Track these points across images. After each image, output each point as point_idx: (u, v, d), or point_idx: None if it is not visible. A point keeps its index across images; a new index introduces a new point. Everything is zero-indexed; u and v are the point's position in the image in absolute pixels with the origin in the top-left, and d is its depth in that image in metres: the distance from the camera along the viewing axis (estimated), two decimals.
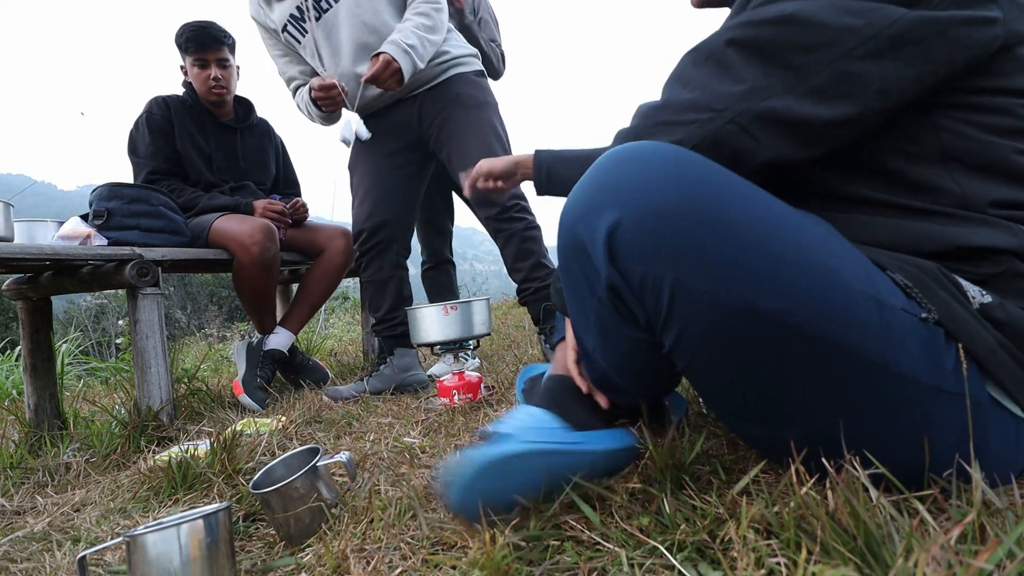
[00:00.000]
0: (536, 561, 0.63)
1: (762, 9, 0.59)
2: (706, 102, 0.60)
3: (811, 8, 0.56)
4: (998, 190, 0.58)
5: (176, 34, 2.03)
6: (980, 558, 0.39)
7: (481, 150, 1.68)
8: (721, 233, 0.53)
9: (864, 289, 0.53)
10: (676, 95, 0.63)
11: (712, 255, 0.52)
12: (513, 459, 0.68)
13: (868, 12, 0.55)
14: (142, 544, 0.68)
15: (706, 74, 0.61)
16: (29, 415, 1.69)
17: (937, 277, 0.56)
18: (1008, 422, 0.55)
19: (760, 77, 0.57)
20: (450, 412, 1.41)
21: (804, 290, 0.51)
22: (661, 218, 0.54)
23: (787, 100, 0.57)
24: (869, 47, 0.54)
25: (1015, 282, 0.56)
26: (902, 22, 0.54)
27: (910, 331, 0.53)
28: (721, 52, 0.60)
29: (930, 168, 0.60)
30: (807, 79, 0.56)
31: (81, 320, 9.76)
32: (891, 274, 0.57)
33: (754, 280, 0.52)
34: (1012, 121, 0.59)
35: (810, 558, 0.49)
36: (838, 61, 0.55)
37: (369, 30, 1.70)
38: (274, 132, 2.31)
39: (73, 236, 1.64)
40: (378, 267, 1.87)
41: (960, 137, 0.59)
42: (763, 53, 0.58)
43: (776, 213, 0.56)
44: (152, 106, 2.03)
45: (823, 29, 0.55)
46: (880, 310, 0.52)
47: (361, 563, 0.70)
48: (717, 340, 0.54)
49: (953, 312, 0.55)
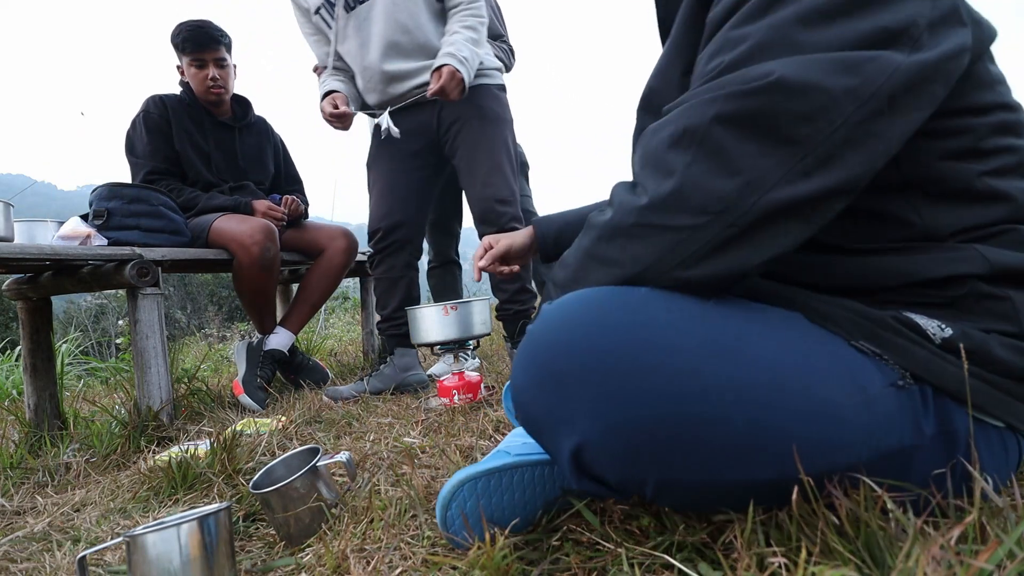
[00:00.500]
0: (536, 561, 0.63)
1: (741, 74, 0.50)
2: (699, 202, 0.50)
3: (798, 69, 0.48)
4: (959, 218, 0.56)
5: (172, 34, 2.02)
6: (980, 558, 0.39)
7: (491, 166, 1.75)
8: (707, 427, 0.47)
9: (852, 397, 0.50)
10: (659, 189, 0.52)
11: (700, 451, 0.48)
12: (500, 473, 0.68)
13: (860, 66, 0.48)
14: (142, 544, 0.68)
15: (691, 160, 0.51)
16: (29, 415, 1.69)
17: (892, 327, 0.54)
18: (991, 435, 0.55)
19: (757, 158, 0.49)
20: (450, 412, 1.41)
21: (802, 444, 0.48)
22: (633, 431, 0.48)
23: (792, 186, 0.49)
24: (870, 108, 0.48)
25: (980, 302, 0.55)
26: (898, 74, 0.48)
27: (894, 409, 0.52)
28: (706, 131, 0.50)
29: (890, 200, 0.57)
30: (811, 151, 0.48)
31: (81, 320, 9.76)
32: (855, 344, 0.54)
33: (750, 459, 0.48)
34: (971, 141, 0.56)
35: (810, 558, 0.49)
36: (841, 129, 0.48)
37: (402, 30, 1.72)
38: (272, 130, 2.31)
39: (73, 236, 1.64)
40: (390, 266, 1.89)
41: (920, 166, 0.56)
42: (757, 127, 0.49)
43: (754, 362, 0.49)
44: (149, 105, 2.02)
45: (819, 93, 0.47)
46: (869, 410, 0.50)
47: (361, 563, 0.70)
48: (708, 504, 0.53)
49: (915, 356, 0.53)
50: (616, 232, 0.55)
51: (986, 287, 0.55)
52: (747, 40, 0.51)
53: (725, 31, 0.54)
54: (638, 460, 0.49)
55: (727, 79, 0.51)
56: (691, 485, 0.50)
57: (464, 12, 1.74)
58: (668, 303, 0.52)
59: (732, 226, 0.50)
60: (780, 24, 0.50)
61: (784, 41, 0.50)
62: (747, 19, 0.52)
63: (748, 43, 0.51)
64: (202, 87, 2.03)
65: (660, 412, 0.47)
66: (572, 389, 0.50)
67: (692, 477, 0.49)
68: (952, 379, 0.53)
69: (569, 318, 0.52)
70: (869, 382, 0.52)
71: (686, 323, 0.51)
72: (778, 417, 0.48)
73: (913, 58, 0.49)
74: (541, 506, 0.71)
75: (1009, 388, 0.55)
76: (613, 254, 0.56)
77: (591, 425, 0.49)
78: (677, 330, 0.50)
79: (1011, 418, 0.55)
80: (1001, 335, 0.54)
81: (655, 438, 0.48)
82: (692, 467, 0.49)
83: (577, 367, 0.50)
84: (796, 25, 0.50)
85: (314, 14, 1.80)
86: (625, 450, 0.49)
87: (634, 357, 0.48)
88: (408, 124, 1.81)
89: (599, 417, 0.49)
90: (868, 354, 0.54)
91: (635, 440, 0.48)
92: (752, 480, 0.49)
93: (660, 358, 0.48)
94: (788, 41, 0.49)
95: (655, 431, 0.48)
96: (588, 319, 0.51)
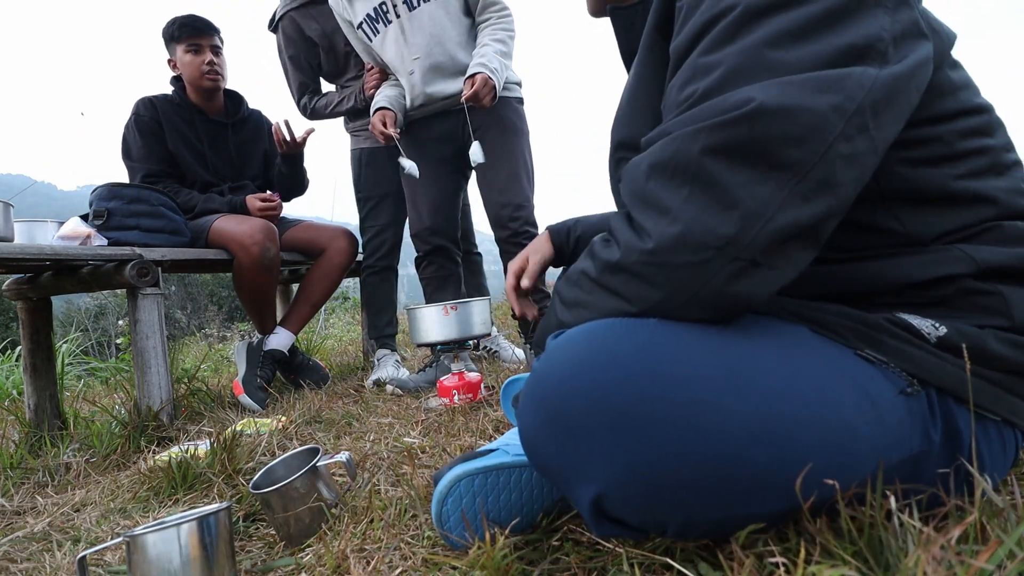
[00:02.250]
0: (536, 561, 0.63)
1: (719, 101, 0.49)
2: (700, 239, 0.48)
3: (777, 93, 0.47)
4: (941, 221, 0.57)
5: (165, 26, 2.03)
6: (981, 558, 0.39)
7: (509, 174, 1.89)
8: (730, 464, 0.46)
9: (865, 414, 0.50)
10: (663, 232, 0.50)
11: (723, 490, 0.47)
12: (498, 471, 0.68)
13: (838, 83, 0.47)
14: (142, 544, 0.68)
15: (687, 197, 0.49)
16: (29, 415, 1.70)
17: (886, 329, 0.55)
18: (990, 429, 0.55)
19: (753, 187, 0.47)
20: (450, 412, 1.41)
21: (820, 472, 0.47)
22: (653, 477, 0.47)
23: (793, 210, 0.48)
24: (857, 123, 0.47)
25: (969, 298, 0.55)
26: (876, 87, 0.48)
27: (904, 417, 0.52)
28: (697, 165, 0.49)
29: (871, 211, 0.58)
30: (806, 174, 0.47)
31: (81, 320, 9.77)
32: (861, 353, 0.54)
33: (771, 492, 0.48)
34: (942, 148, 0.56)
35: (810, 559, 0.49)
36: (833, 147, 0.47)
37: (440, 51, 1.84)
38: (267, 121, 2.29)
39: (73, 236, 1.64)
40: (439, 266, 2.03)
41: (896, 177, 0.57)
42: (747, 156, 0.47)
43: (773, 392, 0.48)
44: (139, 108, 2.00)
45: (804, 114, 0.46)
46: (881, 424, 0.50)
47: (361, 563, 0.70)
48: (727, 534, 0.52)
49: (912, 357, 0.53)
50: (621, 269, 0.54)
51: (975, 283, 0.55)
52: (719, 66, 0.51)
53: (694, 58, 0.54)
54: (660, 504, 0.48)
55: (706, 108, 0.50)
56: (713, 521, 0.49)
57: (495, 26, 1.86)
58: (679, 335, 0.51)
59: (737, 259, 0.48)
60: (750, 48, 0.50)
61: (757, 65, 0.49)
62: (716, 45, 0.52)
63: (721, 69, 0.50)
64: (197, 73, 2.00)
65: (682, 454, 0.46)
66: (586, 439, 0.48)
67: (714, 515, 0.49)
68: (950, 378, 0.53)
69: (577, 360, 0.50)
70: (879, 394, 0.52)
71: (700, 356, 0.49)
72: (799, 448, 0.47)
73: (885, 71, 0.49)
74: (540, 509, 0.71)
75: (1006, 383, 0.55)
76: (619, 288, 0.55)
77: (610, 475, 0.48)
78: (692, 364, 0.49)
79: (1009, 414, 0.55)
80: (995, 330, 0.55)
81: (677, 481, 0.47)
82: (715, 505, 0.48)
83: (590, 415, 0.48)
84: (767, 48, 0.49)
85: (358, 28, 1.91)
86: (647, 495, 0.48)
87: (650, 400, 0.47)
88: (438, 131, 1.95)
89: (618, 466, 0.47)
90: (874, 362, 0.54)
91: (657, 485, 0.47)
92: (772, 512, 0.49)
93: (677, 398, 0.47)
94: (761, 65, 0.49)
95: (677, 474, 0.47)
96: (597, 362, 0.49)
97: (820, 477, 0.47)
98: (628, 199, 0.56)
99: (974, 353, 0.53)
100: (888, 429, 0.50)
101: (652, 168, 0.52)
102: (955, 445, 0.54)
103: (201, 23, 2.01)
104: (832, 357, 0.54)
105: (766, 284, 0.50)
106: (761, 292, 0.51)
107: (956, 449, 0.54)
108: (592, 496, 0.49)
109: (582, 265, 0.60)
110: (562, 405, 0.49)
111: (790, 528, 0.54)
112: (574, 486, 0.50)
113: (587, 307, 0.58)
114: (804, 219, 0.48)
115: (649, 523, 0.50)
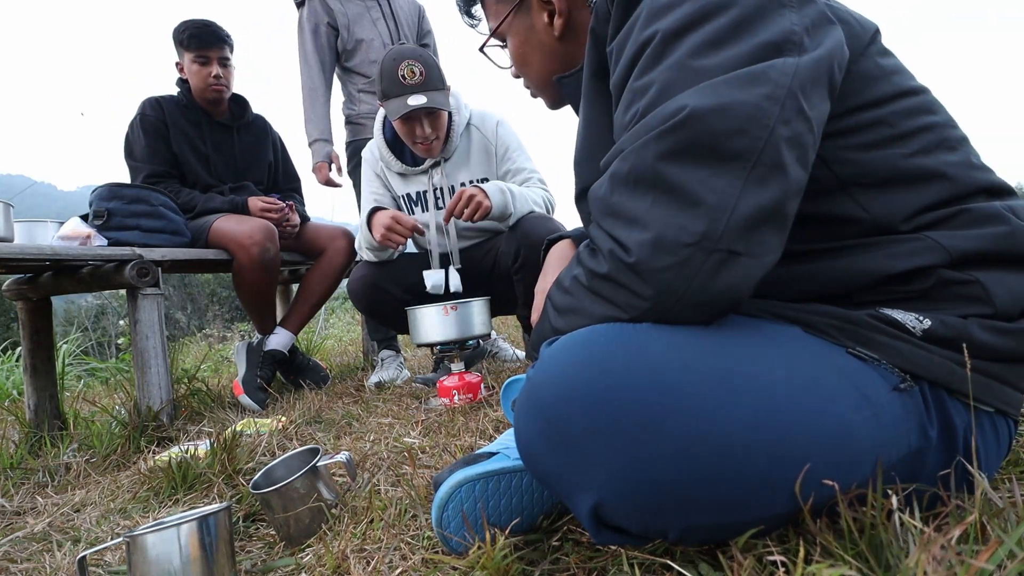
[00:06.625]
0: (536, 561, 0.63)
1: (656, 113, 0.52)
2: (672, 238, 0.49)
3: (707, 95, 0.49)
4: (902, 202, 0.58)
5: (176, 30, 2.02)
6: (981, 558, 0.39)
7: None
8: (729, 470, 0.46)
9: (862, 411, 0.50)
10: (633, 238, 0.52)
11: (723, 493, 0.47)
12: (500, 476, 0.68)
13: (763, 75, 0.50)
14: (142, 544, 0.68)
15: (651, 203, 0.51)
16: (29, 415, 1.70)
17: (872, 325, 0.55)
18: (983, 421, 0.56)
19: (711, 180, 0.49)
20: (450, 412, 1.41)
21: (820, 472, 0.48)
22: (651, 482, 0.47)
23: (754, 195, 0.49)
24: (792, 107, 0.50)
25: (948, 289, 0.56)
26: (800, 72, 0.50)
27: (900, 414, 0.52)
28: (654, 171, 0.51)
29: (833, 200, 0.59)
30: (759, 159, 0.49)
31: (81, 320, 9.77)
32: (853, 351, 0.54)
33: (772, 494, 0.48)
34: (888, 129, 0.58)
35: (810, 559, 0.49)
36: (776, 131, 0.49)
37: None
38: (271, 128, 2.30)
39: (73, 236, 1.64)
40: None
41: (849, 163, 0.58)
42: (697, 154, 0.50)
43: (770, 393, 0.48)
44: (145, 108, 2.01)
45: (738, 107, 0.49)
46: (878, 421, 0.50)
47: (361, 563, 0.70)
48: (728, 537, 0.52)
49: (899, 351, 0.54)
50: (608, 279, 0.55)
51: (952, 273, 0.55)
52: (653, 85, 0.54)
53: (630, 84, 0.57)
54: (660, 510, 0.48)
55: (648, 121, 0.53)
56: (715, 526, 0.49)
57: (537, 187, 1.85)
58: (672, 340, 0.51)
59: (715, 252, 0.49)
60: (676, 63, 0.53)
61: (685, 75, 0.52)
62: (646, 68, 0.56)
63: (655, 87, 0.54)
64: (203, 84, 2.01)
65: (679, 459, 0.46)
66: (582, 447, 0.48)
67: (715, 519, 0.49)
68: (940, 370, 0.54)
69: (571, 367, 0.50)
70: (873, 391, 0.52)
71: (693, 360, 0.49)
72: (798, 449, 0.47)
73: (805, 57, 0.52)
74: (541, 512, 0.71)
75: (995, 372, 0.55)
76: (609, 295, 0.55)
77: (608, 483, 0.48)
78: (685, 368, 0.49)
79: (1000, 403, 0.55)
80: (978, 318, 0.55)
81: (676, 486, 0.47)
82: (715, 509, 0.48)
83: (585, 423, 0.48)
84: (690, 59, 0.53)
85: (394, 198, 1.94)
86: (646, 502, 0.48)
87: (644, 406, 0.47)
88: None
89: (616, 474, 0.47)
90: (866, 360, 0.54)
91: (655, 490, 0.47)
92: (773, 515, 0.49)
93: (671, 403, 0.47)
94: (689, 74, 0.52)
95: (675, 479, 0.46)
96: (590, 369, 0.49)
97: (819, 477, 0.47)
98: (599, 216, 0.57)
99: (959, 344, 0.54)
100: (885, 426, 0.51)
101: (613, 181, 0.55)
102: (952, 440, 0.54)
103: (210, 36, 1.99)
104: (825, 356, 0.54)
105: (749, 274, 0.51)
106: (745, 283, 0.52)
107: (953, 444, 0.54)
108: (591, 504, 0.49)
109: (574, 271, 0.60)
110: (557, 413, 0.49)
111: (790, 528, 0.54)
112: (573, 495, 0.51)
113: (580, 313, 0.58)
114: (766, 202, 0.50)
115: (649, 529, 0.50)
